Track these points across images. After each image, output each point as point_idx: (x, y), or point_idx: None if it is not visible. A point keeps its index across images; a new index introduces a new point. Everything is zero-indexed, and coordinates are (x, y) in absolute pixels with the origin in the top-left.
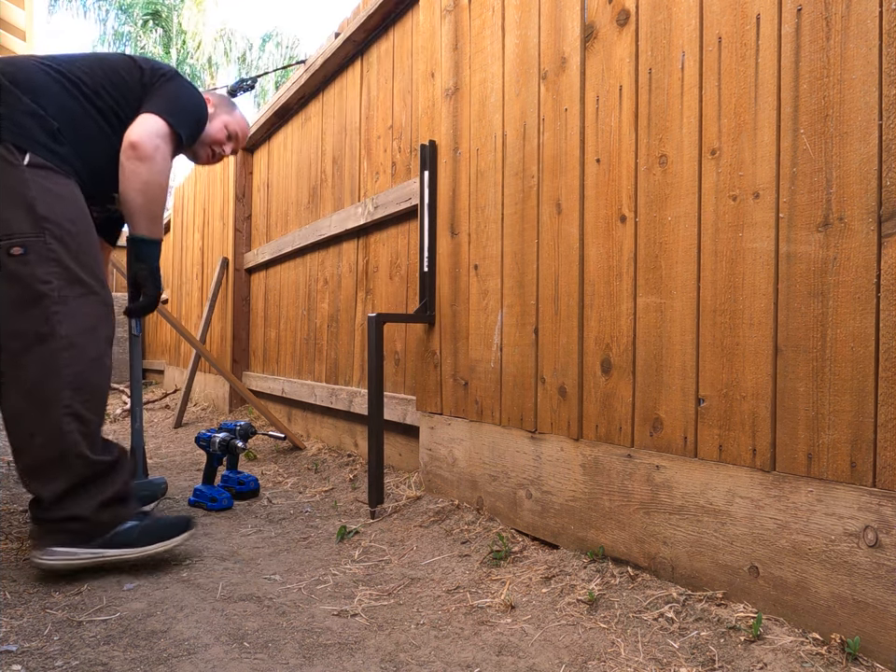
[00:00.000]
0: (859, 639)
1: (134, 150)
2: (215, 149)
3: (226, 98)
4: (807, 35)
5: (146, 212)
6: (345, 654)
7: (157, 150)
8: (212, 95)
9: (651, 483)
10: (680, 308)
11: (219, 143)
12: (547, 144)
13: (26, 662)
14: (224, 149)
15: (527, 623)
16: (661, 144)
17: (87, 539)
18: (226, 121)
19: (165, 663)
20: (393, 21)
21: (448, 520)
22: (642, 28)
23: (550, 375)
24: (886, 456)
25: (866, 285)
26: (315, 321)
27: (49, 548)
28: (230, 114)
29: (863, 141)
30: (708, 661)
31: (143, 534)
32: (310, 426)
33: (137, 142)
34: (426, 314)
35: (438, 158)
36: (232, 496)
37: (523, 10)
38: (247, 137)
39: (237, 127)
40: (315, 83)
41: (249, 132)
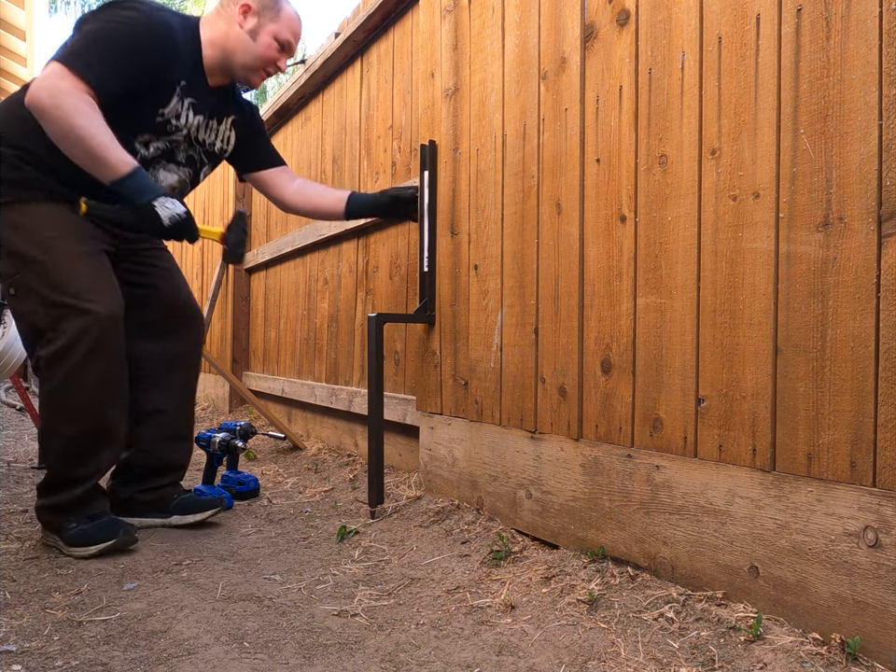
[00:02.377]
0: (859, 639)
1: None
2: (269, 70)
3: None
4: (807, 35)
5: (81, 160)
6: (345, 654)
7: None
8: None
9: (651, 482)
10: (680, 308)
11: (272, 61)
12: (547, 144)
13: (26, 662)
14: (280, 65)
15: (527, 623)
16: (661, 144)
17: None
18: (274, 31)
19: (165, 663)
20: (393, 21)
21: (448, 520)
22: (642, 28)
23: (550, 375)
24: (886, 456)
25: (866, 285)
26: (315, 321)
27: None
28: (275, 18)
29: (863, 141)
30: (708, 661)
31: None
32: (310, 426)
33: (28, 101)
34: (426, 313)
35: (438, 158)
36: (232, 496)
37: (523, 10)
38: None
39: (288, 33)
40: (314, 83)
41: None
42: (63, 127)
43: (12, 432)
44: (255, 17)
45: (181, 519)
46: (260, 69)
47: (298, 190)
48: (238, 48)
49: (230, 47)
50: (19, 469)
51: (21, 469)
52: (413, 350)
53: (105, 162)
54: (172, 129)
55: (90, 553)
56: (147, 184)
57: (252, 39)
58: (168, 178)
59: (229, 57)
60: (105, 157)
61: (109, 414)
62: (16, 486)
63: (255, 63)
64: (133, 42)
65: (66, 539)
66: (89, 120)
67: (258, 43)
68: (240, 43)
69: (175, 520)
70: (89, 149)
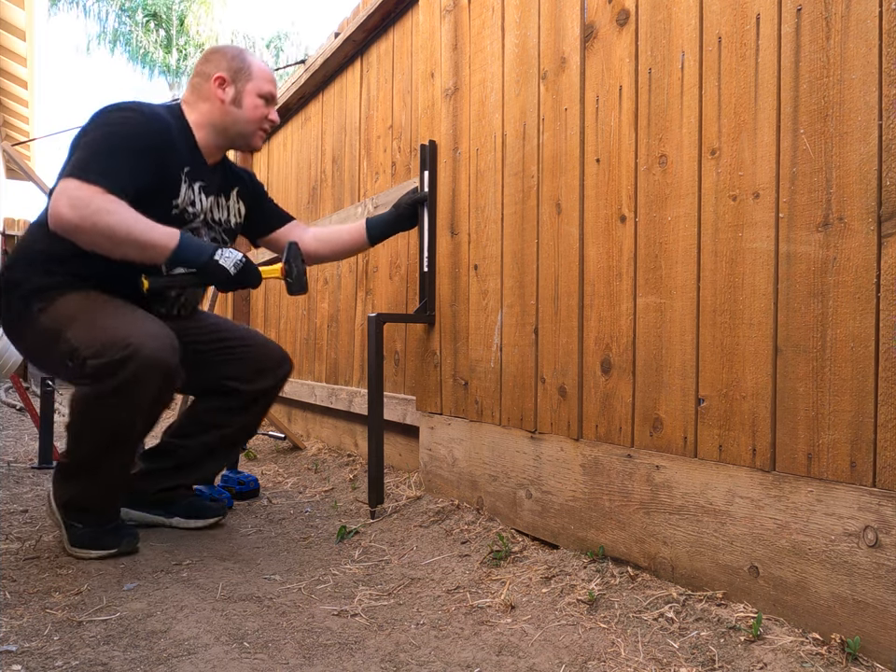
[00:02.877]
0: (859, 639)
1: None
2: (264, 127)
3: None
4: (807, 35)
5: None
6: (345, 654)
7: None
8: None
9: (651, 482)
10: (680, 308)
11: (264, 117)
12: (547, 144)
13: (26, 662)
14: (272, 118)
15: (527, 623)
16: (661, 144)
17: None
18: (254, 90)
19: (165, 663)
20: (393, 20)
21: (448, 520)
22: (642, 28)
23: (550, 375)
24: (886, 456)
25: (866, 285)
26: (315, 321)
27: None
28: (249, 77)
29: (863, 141)
30: (708, 661)
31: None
32: (310, 426)
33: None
34: (425, 313)
35: (438, 158)
36: (232, 496)
37: (522, 10)
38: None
39: (267, 84)
40: (314, 83)
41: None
42: (100, 233)
43: (12, 432)
44: (231, 85)
45: (184, 522)
46: (257, 130)
47: (316, 239)
48: (228, 120)
49: (220, 123)
50: (19, 469)
51: (21, 469)
52: (413, 350)
53: (153, 245)
54: (189, 217)
55: (90, 556)
56: (199, 244)
57: (238, 107)
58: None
59: (223, 133)
60: (151, 241)
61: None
62: (16, 486)
63: (250, 128)
64: (134, 142)
65: (71, 538)
66: (120, 215)
67: (244, 108)
68: (228, 115)
69: (177, 522)
70: (134, 242)
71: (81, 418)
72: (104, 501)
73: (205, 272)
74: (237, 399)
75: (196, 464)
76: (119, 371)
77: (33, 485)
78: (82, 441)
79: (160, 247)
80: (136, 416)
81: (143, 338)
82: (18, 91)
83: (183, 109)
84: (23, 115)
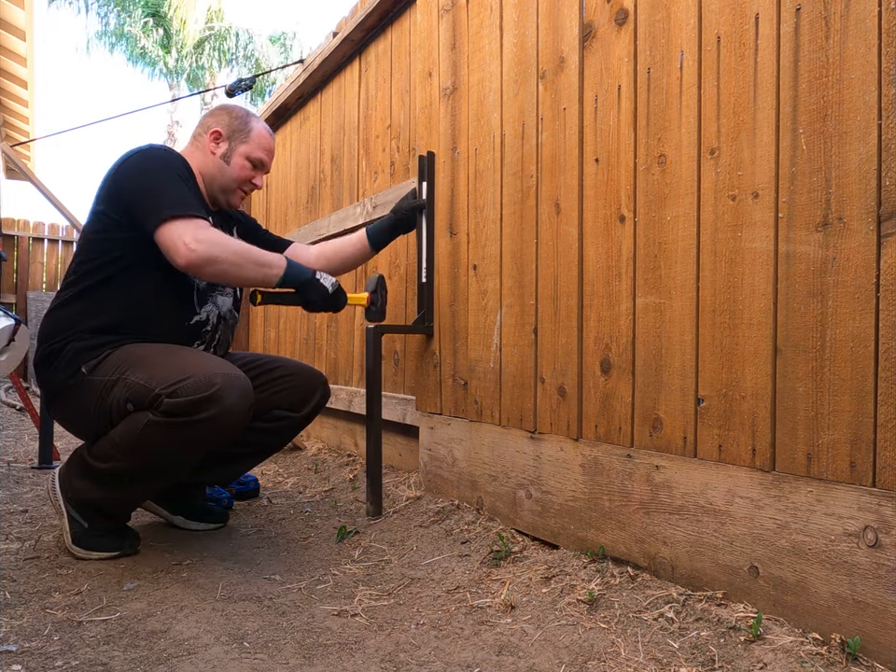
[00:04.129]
0: (859, 639)
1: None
2: (245, 189)
3: (238, 119)
4: (806, 35)
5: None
6: (345, 654)
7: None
8: (219, 123)
9: (651, 482)
10: (680, 308)
11: (247, 180)
12: (546, 143)
13: (26, 662)
14: (256, 182)
15: (527, 623)
16: (660, 143)
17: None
18: (245, 153)
19: (165, 663)
20: (391, 20)
21: (448, 520)
22: (641, 27)
23: (549, 375)
24: (886, 456)
25: (866, 285)
26: (315, 321)
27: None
28: (245, 140)
29: (863, 141)
30: (708, 661)
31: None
32: (310, 426)
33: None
34: (424, 324)
35: (436, 164)
36: (232, 496)
37: (521, 10)
38: (274, 151)
39: (260, 152)
40: (313, 83)
41: (274, 143)
42: (229, 259)
43: (12, 432)
44: (226, 142)
45: (185, 522)
46: (237, 189)
47: (320, 255)
48: (215, 173)
49: (207, 174)
50: (19, 469)
51: (21, 469)
52: (413, 350)
53: (270, 264)
54: None
55: (91, 557)
56: (300, 265)
57: (226, 163)
58: (225, 303)
59: (209, 184)
60: (269, 261)
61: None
62: (16, 486)
63: (231, 186)
64: (178, 172)
65: (74, 534)
66: (236, 242)
67: (231, 166)
68: (216, 169)
69: (179, 521)
70: (255, 263)
71: (140, 441)
72: (124, 509)
73: (307, 288)
74: (287, 423)
75: (219, 468)
76: (200, 412)
77: (33, 485)
78: (131, 460)
79: (276, 266)
80: (201, 452)
81: (224, 379)
82: (18, 90)
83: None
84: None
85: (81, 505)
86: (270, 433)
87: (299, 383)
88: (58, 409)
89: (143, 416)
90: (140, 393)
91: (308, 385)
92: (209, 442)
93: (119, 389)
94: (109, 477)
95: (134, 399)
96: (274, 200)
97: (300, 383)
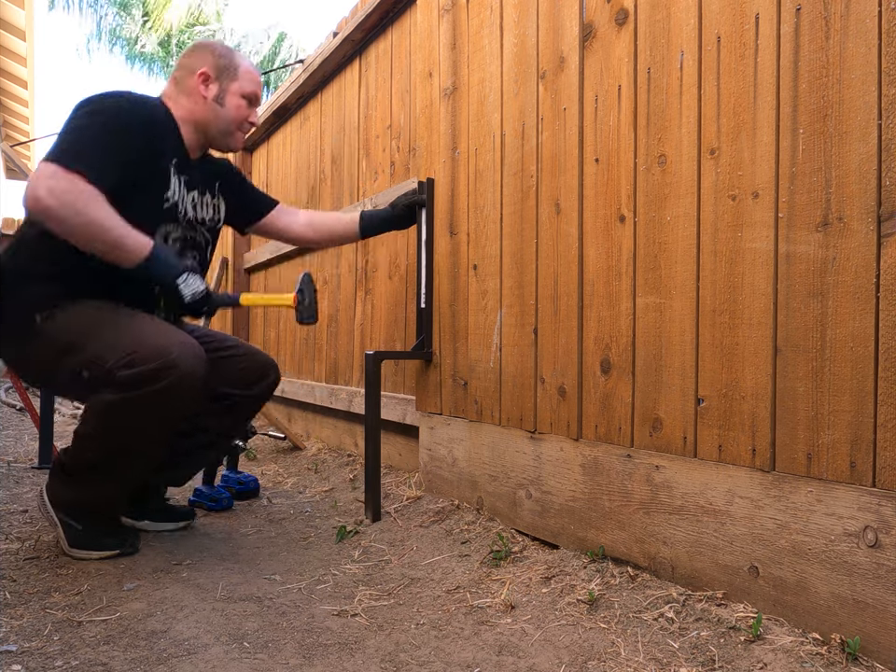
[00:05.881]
0: (859, 639)
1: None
2: (243, 128)
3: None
4: (806, 35)
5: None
6: (345, 654)
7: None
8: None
9: (651, 483)
10: (680, 308)
11: (244, 118)
12: (546, 143)
13: (26, 662)
14: (252, 120)
15: (527, 623)
16: (660, 143)
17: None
18: (238, 90)
19: (165, 663)
20: (391, 20)
21: (448, 520)
22: (641, 27)
23: (549, 375)
24: (886, 456)
25: (866, 285)
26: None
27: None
28: (235, 77)
29: (863, 141)
30: (708, 661)
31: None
32: (310, 426)
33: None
34: (423, 350)
35: (436, 168)
36: (232, 496)
37: (521, 10)
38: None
39: (251, 85)
40: (313, 83)
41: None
42: (73, 223)
43: (12, 432)
44: (216, 83)
45: (153, 525)
46: (236, 130)
47: (308, 223)
48: (210, 117)
49: (200, 119)
50: (19, 469)
51: (21, 469)
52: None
53: (123, 248)
54: (181, 213)
55: (91, 557)
56: (168, 263)
57: (220, 105)
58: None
59: (203, 130)
60: (123, 243)
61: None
62: (16, 486)
63: (229, 127)
64: (117, 125)
65: (70, 538)
66: (98, 208)
67: (227, 107)
68: (210, 112)
69: (146, 525)
70: (106, 239)
71: (105, 425)
72: (112, 505)
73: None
74: (229, 403)
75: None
76: (157, 380)
77: (33, 485)
78: (103, 447)
79: (129, 253)
80: (166, 425)
81: (180, 347)
82: (18, 90)
83: (165, 103)
84: (23, 115)
85: (72, 510)
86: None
87: (248, 362)
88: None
89: (102, 399)
90: (94, 364)
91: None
92: (173, 411)
93: (74, 356)
94: (90, 472)
95: (89, 370)
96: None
97: (249, 362)
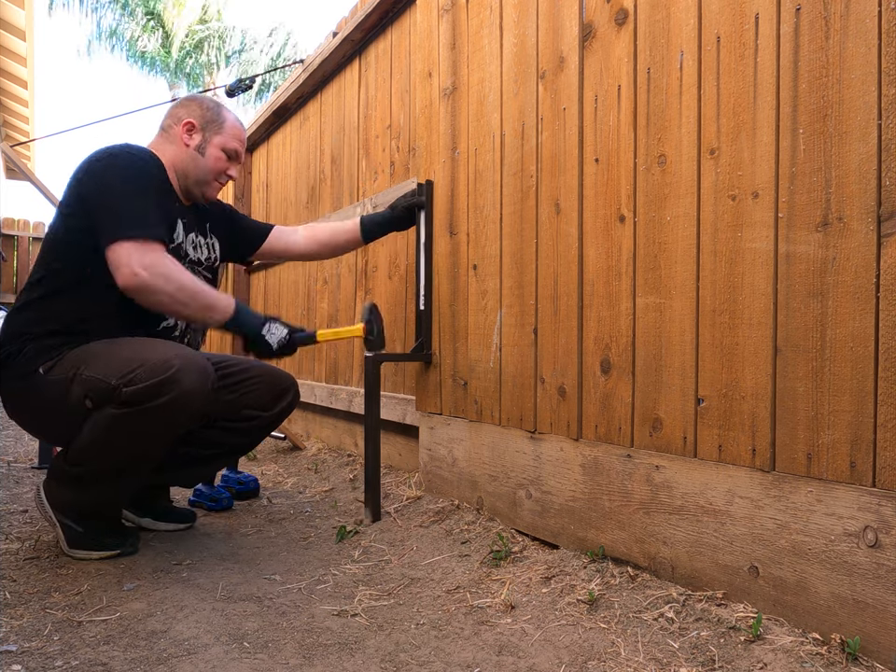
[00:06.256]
0: (859, 639)
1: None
2: (220, 181)
3: (210, 110)
4: (806, 35)
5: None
6: (345, 654)
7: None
8: (191, 114)
9: (651, 483)
10: (680, 308)
11: (222, 171)
12: (545, 143)
13: (26, 662)
14: (231, 174)
15: (527, 623)
16: (660, 143)
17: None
18: (220, 143)
19: (165, 663)
20: (391, 20)
21: (448, 520)
22: (640, 27)
23: (549, 375)
24: (886, 456)
25: (866, 285)
26: (315, 321)
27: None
28: (219, 131)
29: (862, 141)
30: (708, 661)
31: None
32: (310, 426)
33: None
34: (422, 352)
35: (435, 168)
36: (232, 496)
37: (521, 10)
38: (246, 141)
39: (234, 142)
40: (313, 83)
41: (246, 134)
42: (172, 294)
43: (12, 432)
44: (199, 133)
45: (153, 524)
46: (213, 181)
47: (309, 238)
48: (189, 166)
49: (180, 167)
50: (19, 469)
51: (21, 469)
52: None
53: (215, 308)
54: (183, 254)
55: (91, 557)
56: (251, 314)
57: (200, 155)
58: None
59: (183, 178)
60: (214, 304)
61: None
62: (16, 486)
63: (207, 177)
64: (147, 182)
65: (69, 539)
66: (187, 277)
67: (206, 157)
68: (190, 161)
69: (147, 523)
70: (199, 302)
71: (107, 436)
72: (112, 508)
73: (254, 342)
74: (257, 423)
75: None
76: (160, 395)
77: (32, 485)
78: (103, 456)
79: (220, 311)
80: (169, 436)
81: (183, 360)
82: (18, 90)
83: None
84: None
85: (71, 511)
86: (240, 433)
87: (269, 382)
88: (16, 411)
89: (106, 413)
90: (98, 387)
91: (277, 384)
92: (175, 425)
93: (77, 386)
94: (89, 479)
95: (93, 393)
96: (274, 200)
97: (269, 382)
